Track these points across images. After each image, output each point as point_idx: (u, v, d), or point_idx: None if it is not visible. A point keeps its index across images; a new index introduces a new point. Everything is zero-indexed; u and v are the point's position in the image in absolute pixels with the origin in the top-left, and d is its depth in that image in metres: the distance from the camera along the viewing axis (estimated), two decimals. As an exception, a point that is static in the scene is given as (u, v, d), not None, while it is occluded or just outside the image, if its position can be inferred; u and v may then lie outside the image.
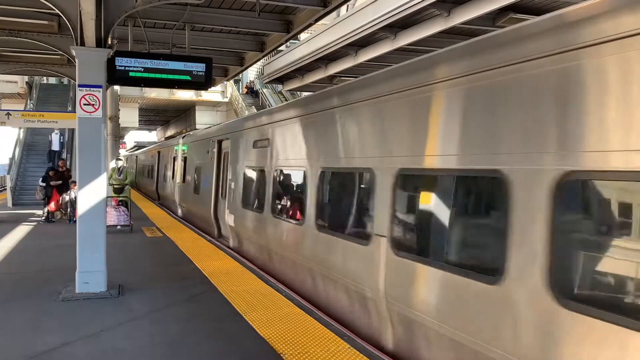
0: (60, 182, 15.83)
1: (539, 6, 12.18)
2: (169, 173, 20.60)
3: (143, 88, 32.34)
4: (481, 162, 4.12)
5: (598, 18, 3.25)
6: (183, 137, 19.01)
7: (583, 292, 3.35)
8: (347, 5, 17.90)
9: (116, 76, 7.80)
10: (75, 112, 7.30)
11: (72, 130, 22.84)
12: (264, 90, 37.13)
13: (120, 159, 16.41)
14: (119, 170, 14.90)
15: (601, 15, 3.23)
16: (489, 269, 3.96)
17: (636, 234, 3.04)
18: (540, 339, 3.44)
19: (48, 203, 15.63)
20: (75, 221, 8.43)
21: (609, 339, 3.02)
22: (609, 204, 3.30)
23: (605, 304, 3.11)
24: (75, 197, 12.10)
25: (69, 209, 15.36)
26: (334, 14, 13.46)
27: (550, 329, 3.38)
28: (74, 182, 14.59)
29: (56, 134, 21.23)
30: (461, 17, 13.18)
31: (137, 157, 36.99)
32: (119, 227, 13.47)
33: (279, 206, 8.43)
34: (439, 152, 4.64)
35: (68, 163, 19.15)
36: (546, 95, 3.56)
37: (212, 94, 37.79)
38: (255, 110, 30.32)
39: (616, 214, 3.23)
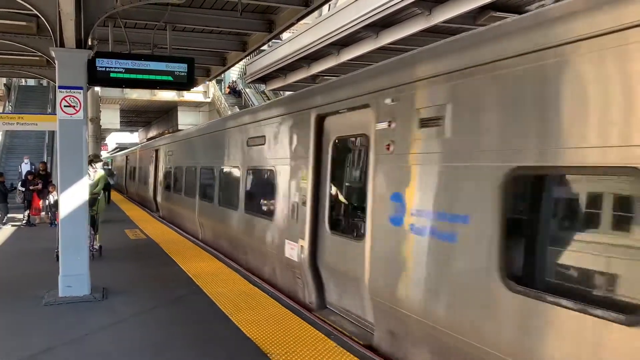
0: (39, 186, 15.59)
1: (519, 4, 12.32)
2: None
3: (124, 89, 32.01)
4: None
5: None
6: None
7: None
8: (329, 5, 17.91)
9: (97, 77, 7.71)
10: (55, 114, 7.20)
11: (52, 134, 22.48)
12: (247, 90, 37.02)
13: (99, 160, 12.53)
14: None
15: None
16: None
17: None
18: None
19: (29, 207, 15.42)
20: (56, 224, 8.32)
21: None
22: None
23: None
24: (55, 201, 11.93)
25: (49, 212, 15.15)
26: (315, 13, 13.47)
27: None
28: (54, 185, 14.40)
29: (26, 164, 20.15)
30: (442, 15, 13.30)
31: (156, 152, 19.65)
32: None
33: None
34: None
35: (49, 166, 18.85)
36: None
37: (194, 95, 37.60)
38: (238, 110, 30.02)
39: None
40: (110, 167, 27.65)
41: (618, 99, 3.06)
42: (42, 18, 7.13)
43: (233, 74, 38.87)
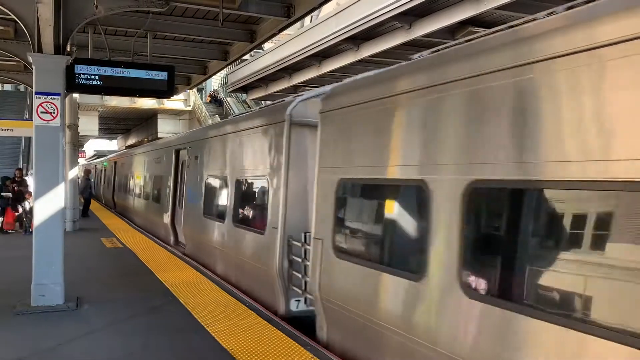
0: (10, 194, 15.26)
1: (497, 20, 12.55)
2: None
3: (103, 96, 31.66)
4: None
5: None
6: None
7: None
8: (311, 16, 18.04)
9: (75, 84, 7.64)
10: (32, 120, 7.10)
11: (28, 141, 22.17)
12: (228, 99, 36.97)
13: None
14: None
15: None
16: None
17: None
18: None
19: (2, 214, 15.12)
20: (31, 232, 8.18)
21: None
22: None
23: None
24: (31, 208, 11.73)
25: (24, 220, 14.87)
26: (298, 24, 13.55)
27: None
28: (29, 192, 14.16)
29: None
30: (422, 30, 13.49)
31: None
32: None
33: None
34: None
35: (24, 173, 18.53)
36: None
37: (174, 103, 37.32)
38: (219, 119, 29.83)
39: None
40: (90, 178, 26.28)
41: None
42: (20, 23, 7.06)
43: (214, 82, 38.80)
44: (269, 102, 21.23)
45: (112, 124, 49.79)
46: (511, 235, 3.52)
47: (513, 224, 3.52)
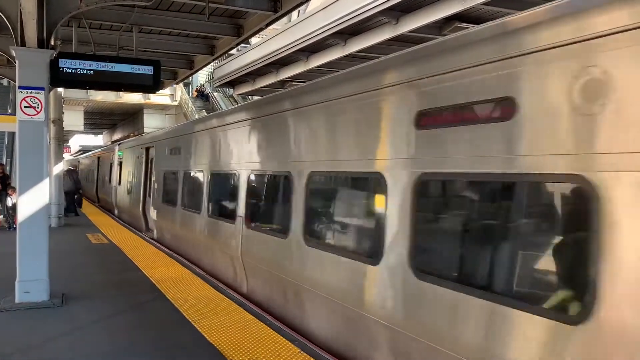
0: None
1: (483, 16, 12.62)
2: None
3: (89, 90, 31.37)
4: None
5: None
6: None
7: None
8: (298, 11, 17.99)
9: (60, 78, 7.56)
10: (15, 115, 7.02)
11: (12, 136, 21.89)
12: (215, 93, 36.78)
13: None
14: None
15: None
16: None
17: None
18: None
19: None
20: (15, 228, 8.09)
21: None
22: None
23: None
24: (14, 204, 11.60)
25: (7, 216, 14.69)
26: (285, 18, 13.52)
27: None
28: (13, 187, 13.99)
29: None
30: (409, 25, 13.54)
31: None
32: None
33: None
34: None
35: (8, 168, 18.32)
36: None
37: (160, 97, 37.08)
38: (205, 114, 29.45)
39: None
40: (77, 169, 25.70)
41: None
42: (2, 15, 6.95)
43: (201, 77, 38.57)
44: (257, 97, 21.05)
45: (97, 119, 49.39)
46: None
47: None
